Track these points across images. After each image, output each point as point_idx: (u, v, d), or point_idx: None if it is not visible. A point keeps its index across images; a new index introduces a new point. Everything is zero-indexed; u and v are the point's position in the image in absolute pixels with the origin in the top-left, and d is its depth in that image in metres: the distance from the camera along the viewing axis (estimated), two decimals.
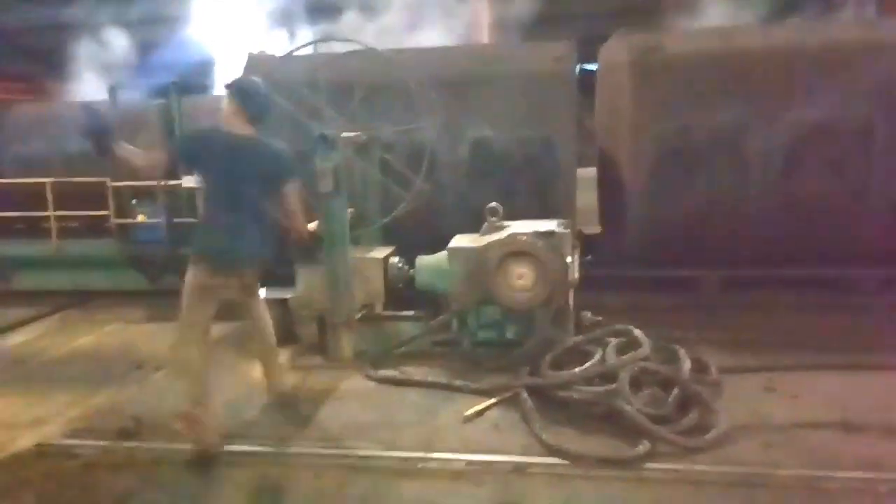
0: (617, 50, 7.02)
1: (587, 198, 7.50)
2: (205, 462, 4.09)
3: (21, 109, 10.95)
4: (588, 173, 7.53)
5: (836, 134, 6.42)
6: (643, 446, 3.98)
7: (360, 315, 5.76)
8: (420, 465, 4.04)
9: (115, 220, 8.20)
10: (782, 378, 4.97)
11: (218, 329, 6.69)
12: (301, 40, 6.30)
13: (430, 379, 5.20)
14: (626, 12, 11.53)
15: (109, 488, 3.93)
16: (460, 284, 5.52)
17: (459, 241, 5.68)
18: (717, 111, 6.57)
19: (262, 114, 4.35)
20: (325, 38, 6.57)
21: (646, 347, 4.78)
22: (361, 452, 4.21)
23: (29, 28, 15.61)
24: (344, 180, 5.51)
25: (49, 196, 8.32)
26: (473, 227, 5.78)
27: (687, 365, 4.74)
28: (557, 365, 4.90)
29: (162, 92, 8.77)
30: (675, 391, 4.39)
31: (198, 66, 9.91)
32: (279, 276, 6.53)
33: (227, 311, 6.99)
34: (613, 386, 4.39)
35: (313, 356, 5.75)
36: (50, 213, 8.38)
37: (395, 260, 6.05)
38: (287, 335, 5.93)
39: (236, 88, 4.33)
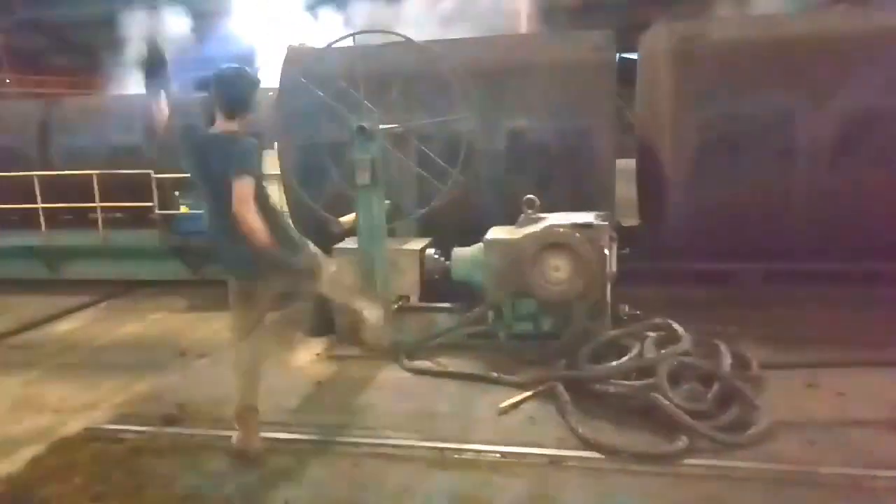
0: (658, 38, 6.90)
1: (625, 189, 7.41)
2: (243, 461, 4.12)
3: (69, 103, 11.25)
4: (626, 164, 7.43)
5: (885, 122, 6.21)
6: (682, 442, 3.93)
7: (396, 306, 5.78)
8: (456, 456, 4.06)
9: (158, 212, 8.38)
10: (826, 375, 4.85)
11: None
12: (340, 32, 6.27)
13: (466, 370, 5.21)
14: (668, 1, 11.32)
15: (154, 472, 4.03)
16: (496, 276, 5.50)
17: (496, 232, 5.66)
18: (762, 100, 6.42)
19: (240, 105, 3.89)
20: (364, 31, 6.57)
21: (685, 342, 4.72)
22: (398, 442, 4.23)
23: (77, 23, 15.99)
24: (381, 172, 5.53)
25: (96, 188, 8.52)
26: (510, 218, 5.75)
27: (727, 360, 4.67)
28: (594, 358, 4.86)
29: (204, 85, 8.88)
30: (715, 386, 4.32)
31: (240, 58, 10.02)
32: None
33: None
34: (651, 380, 4.34)
35: (350, 346, 5.80)
36: (97, 204, 8.59)
37: (431, 251, 6.06)
38: (325, 325, 5.99)
39: (214, 77, 3.93)
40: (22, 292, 8.55)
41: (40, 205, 8.77)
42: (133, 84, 10.78)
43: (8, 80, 21.84)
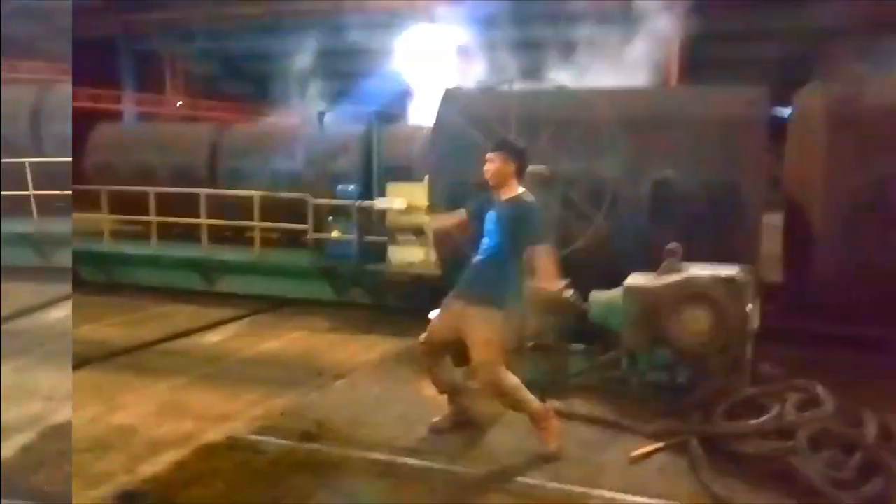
0: (813, 97, 6.77)
1: (770, 245, 7.22)
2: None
3: (237, 129, 12.21)
4: (772, 220, 7.25)
5: None
6: None
7: (531, 344, 5.90)
8: (584, 501, 4.05)
9: (312, 235, 8.87)
10: None
11: (394, 345, 7.10)
12: (495, 76, 6.59)
13: (597, 414, 5.22)
14: (827, 58, 10.96)
15: (292, 486, 4.16)
16: (634, 322, 5.51)
17: (636, 279, 5.67)
18: None
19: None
20: (519, 77, 6.87)
21: (828, 406, 4.57)
22: (527, 481, 4.25)
23: (248, 55, 17.20)
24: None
25: (256, 208, 9.15)
26: (650, 266, 5.78)
27: (873, 429, 4.47)
28: (731, 415, 4.78)
29: (364, 119, 9.42)
30: (858, 455, 4.17)
31: (398, 96, 10.55)
32: None
33: (402, 330, 7.34)
34: (790, 443, 4.25)
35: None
36: (255, 223, 9.24)
37: (569, 292, 6.16)
38: (465, 356, 6.18)
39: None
40: (177, 301, 9.10)
41: (204, 220, 9.47)
42: (296, 112, 11.57)
43: (180, 104, 23.81)
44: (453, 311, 4.75)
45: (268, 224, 9.38)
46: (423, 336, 4.91)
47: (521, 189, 4.70)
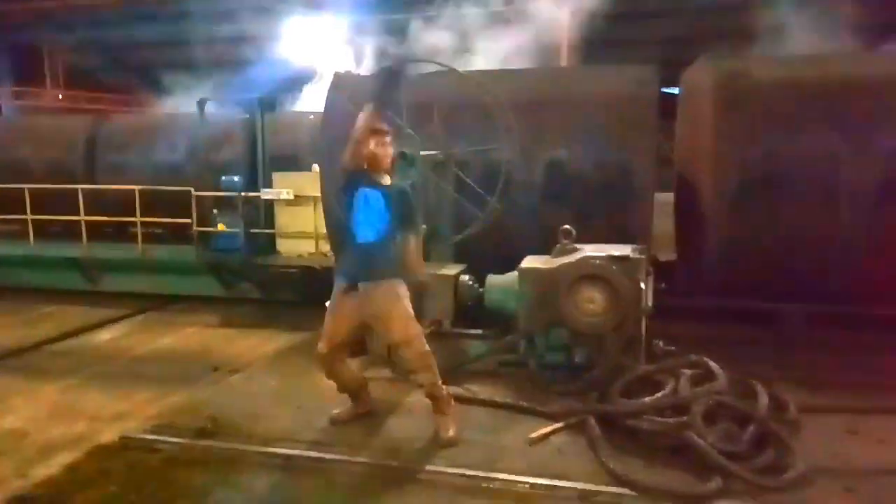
0: (700, 75, 6.89)
1: (663, 224, 7.35)
2: None
3: (117, 120, 11.56)
4: (664, 198, 7.38)
5: None
6: (715, 482, 3.85)
7: (428, 331, 5.77)
8: (483, 485, 4.02)
9: (196, 228, 8.52)
10: (866, 421, 4.73)
11: (288, 338, 6.94)
12: (384, 61, 6.38)
13: (496, 398, 5.17)
14: (712, 37, 11.32)
15: (187, 484, 4.07)
16: (530, 305, 5.48)
17: (531, 261, 5.64)
18: (805, 141, 6.35)
19: None
20: (409, 59, 6.67)
21: (721, 380, 4.64)
22: (426, 467, 4.21)
23: (127, 43, 16.46)
24: (420, 198, 5.56)
25: (137, 203, 8.69)
26: (545, 248, 5.74)
27: (764, 401, 4.56)
28: (627, 393, 4.80)
29: (247, 107, 9.09)
30: (751, 428, 4.22)
31: (283, 83, 10.23)
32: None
33: (295, 322, 7.21)
34: (685, 418, 4.27)
35: (382, 368, 5.80)
36: (137, 219, 8.77)
37: (465, 278, 6.06)
38: (357, 347, 6.00)
39: None
40: (61, 302, 8.76)
41: (83, 217, 8.99)
42: (182, 104, 11.07)
43: (60, 97, 22.68)
44: (351, 304, 4.62)
45: (150, 219, 8.90)
46: (321, 344, 4.73)
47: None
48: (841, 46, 8.78)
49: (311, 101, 7.33)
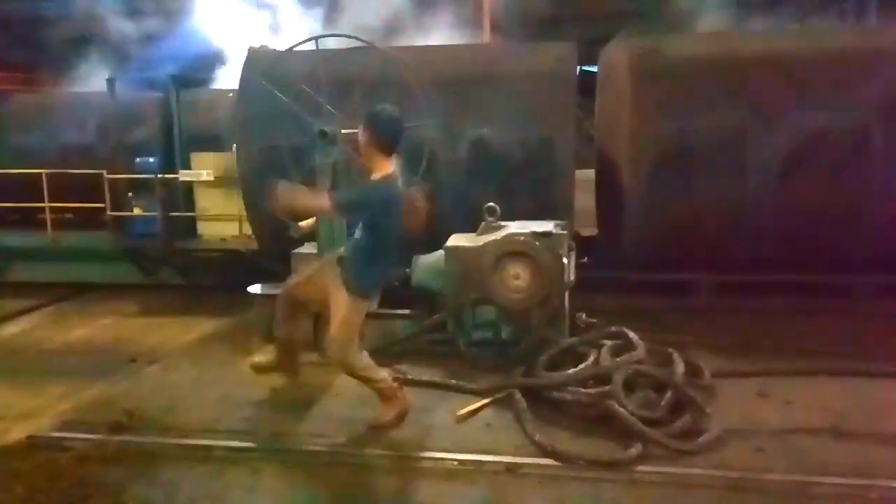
0: (617, 52, 7.02)
1: (585, 199, 7.50)
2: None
3: (19, 100, 10.94)
4: (586, 175, 7.53)
5: (834, 140, 6.42)
6: (635, 449, 3.99)
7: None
8: (413, 464, 4.06)
9: (110, 213, 8.18)
10: (775, 383, 4.98)
11: (211, 325, 6.78)
12: (302, 36, 6.22)
13: (424, 378, 5.20)
14: (629, 15, 11.52)
15: (102, 482, 3.93)
16: (456, 284, 5.53)
17: (456, 240, 5.68)
18: (717, 115, 6.57)
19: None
20: (326, 34, 6.54)
21: (640, 350, 4.81)
22: (354, 450, 4.21)
23: (29, 18, 15.56)
24: (343, 177, 5.50)
25: (45, 187, 8.29)
26: (471, 226, 5.77)
27: (680, 368, 4.75)
28: (552, 366, 4.92)
29: (160, 85, 8.75)
30: (669, 394, 4.40)
31: (197, 59, 9.87)
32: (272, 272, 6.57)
33: (219, 309, 7.06)
34: (607, 388, 4.40)
35: (308, 352, 5.74)
36: (45, 204, 8.37)
37: None
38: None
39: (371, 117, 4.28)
40: None
41: None
42: (89, 82, 10.54)
43: None
44: (325, 273, 4.49)
45: (60, 205, 8.50)
46: (293, 282, 4.71)
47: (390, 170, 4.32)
48: (752, 24, 9.09)
49: (233, 78, 7.10)
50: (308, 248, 5.97)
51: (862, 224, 6.51)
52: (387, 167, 4.24)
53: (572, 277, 5.58)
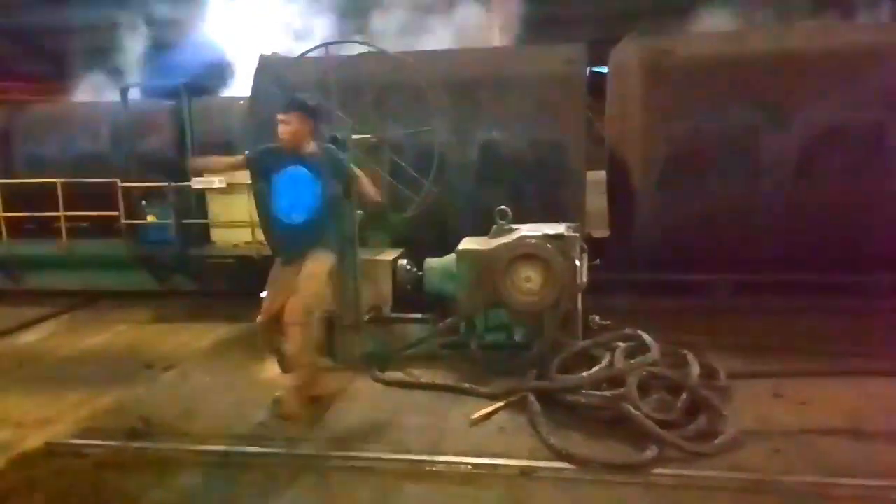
0: (627, 53, 7.00)
1: (596, 201, 7.48)
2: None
3: (34, 110, 11.03)
4: (597, 176, 7.51)
5: (847, 138, 6.37)
6: (651, 451, 3.97)
7: (368, 317, 5.76)
8: (427, 468, 4.05)
9: (124, 221, 8.23)
10: (791, 384, 4.94)
11: (225, 331, 6.79)
12: (312, 42, 6.26)
13: (437, 381, 5.20)
14: (638, 15, 11.48)
15: (119, 488, 3.95)
16: (468, 287, 5.51)
17: (468, 243, 5.67)
18: (728, 115, 6.54)
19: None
20: (337, 41, 6.57)
21: (654, 352, 4.78)
22: (368, 454, 4.21)
23: (43, 30, 15.70)
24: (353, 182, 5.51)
25: (60, 196, 8.35)
26: (482, 229, 5.77)
27: (695, 370, 4.72)
28: (565, 369, 4.90)
29: (173, 93, 8.81)
30: (684, 396, 4.38)
31: (209, 67, 9.94)
32: None
33: (232, 315, 7.09)
34: (621, 390, 4.38)
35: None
36: (60, 213, 8.42)
37: (403, 262, 6.05)
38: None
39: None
40: None
41: (1, 213, 8.59)
42: (101, 91, 10.63)
43: None
44: (288, 280, 4.68)
45: (75, 213, 8.55)
46: (259, 316, 4.82)
47: (314, 145, 4.82)
48: (764, 23, 9.03)
49: (245, 85, 7.15)
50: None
51: (875, 222, 6.45)
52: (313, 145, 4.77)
53: (584, 279, 5.56)
